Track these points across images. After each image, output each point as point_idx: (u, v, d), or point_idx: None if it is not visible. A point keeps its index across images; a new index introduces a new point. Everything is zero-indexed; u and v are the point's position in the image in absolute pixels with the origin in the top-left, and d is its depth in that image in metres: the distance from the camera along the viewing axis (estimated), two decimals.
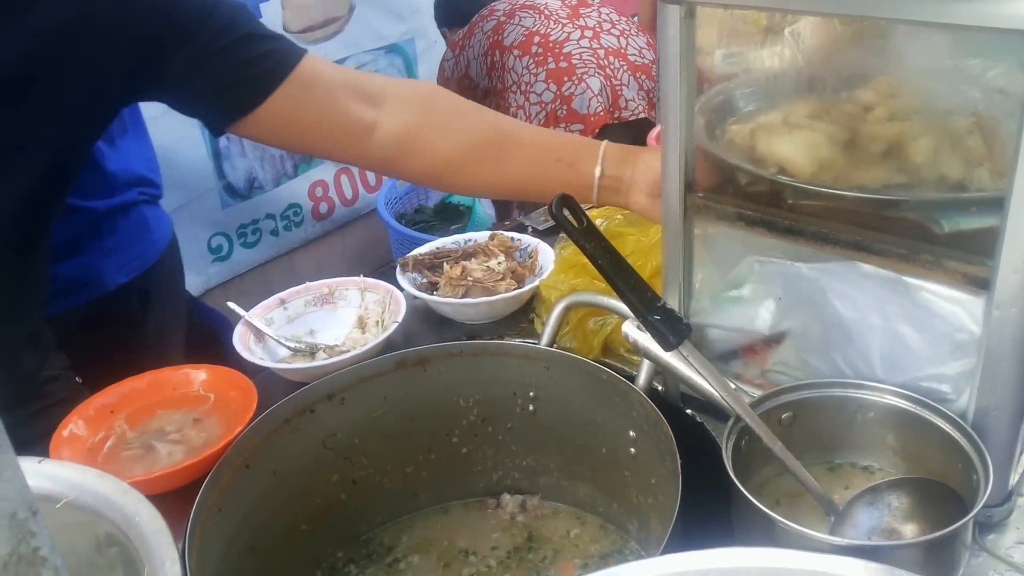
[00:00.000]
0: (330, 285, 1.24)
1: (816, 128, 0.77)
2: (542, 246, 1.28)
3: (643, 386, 0.89)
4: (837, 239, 0.74)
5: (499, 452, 1.01)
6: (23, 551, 0.26)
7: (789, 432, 0.77)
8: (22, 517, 0.26)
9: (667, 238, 0.85)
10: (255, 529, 0.87)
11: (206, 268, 2.60)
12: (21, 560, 0.26)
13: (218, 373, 1.01)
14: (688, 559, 0.54)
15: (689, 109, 0.76)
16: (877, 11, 0.64)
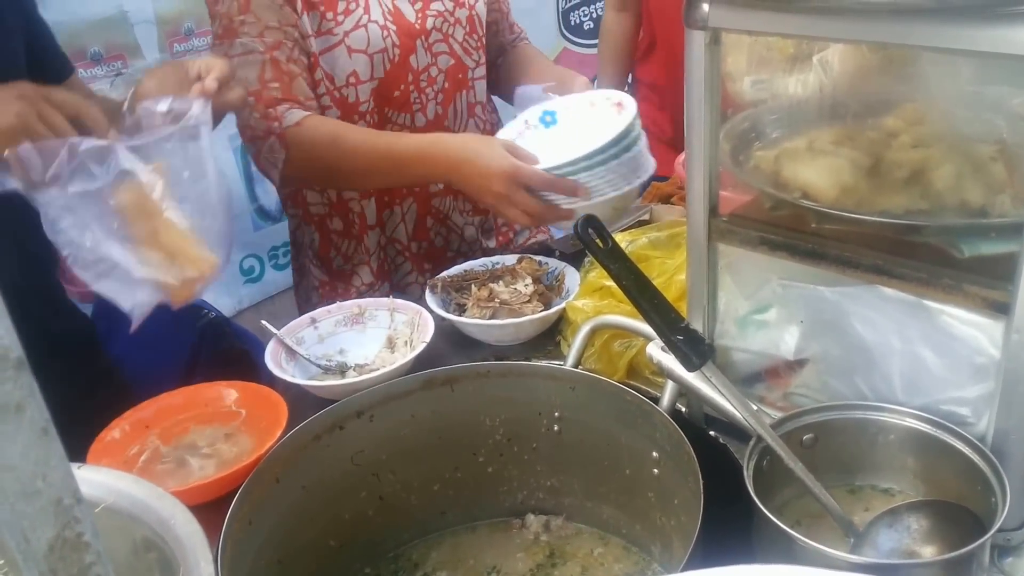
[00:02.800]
0: (360, 305, 1.27)
1: (840, 154, 0.78)
2: (569, 269, 1.30)
3: (667, 407, 0.90)
4: (859, 263, 0.74)
5: (524, 472, 1.01)
6: (67, 535, 0.28)
7: (810, 453, 0.77)
8: (67, 503, 0.28)
9: (692, 261, 0.86)
10: (284, 543, 0.88)
11: (238, 289, 2.64)
12: (66, 544, 0.28)
13: (249, 390, 1.03)
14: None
15: (713, 134, 0.78)
16: (897, 38, 0.66)
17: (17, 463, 0.26)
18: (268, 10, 1.35)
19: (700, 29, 0.73)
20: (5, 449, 0.26)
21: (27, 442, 0.26)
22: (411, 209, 1.58)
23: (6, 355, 0.25)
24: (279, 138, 1.37)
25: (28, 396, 0.26)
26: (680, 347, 0.71)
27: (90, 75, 2.19)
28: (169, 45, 2.34)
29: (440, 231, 1.62)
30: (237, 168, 2.56)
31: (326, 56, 1.41)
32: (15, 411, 0.26)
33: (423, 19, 1.48)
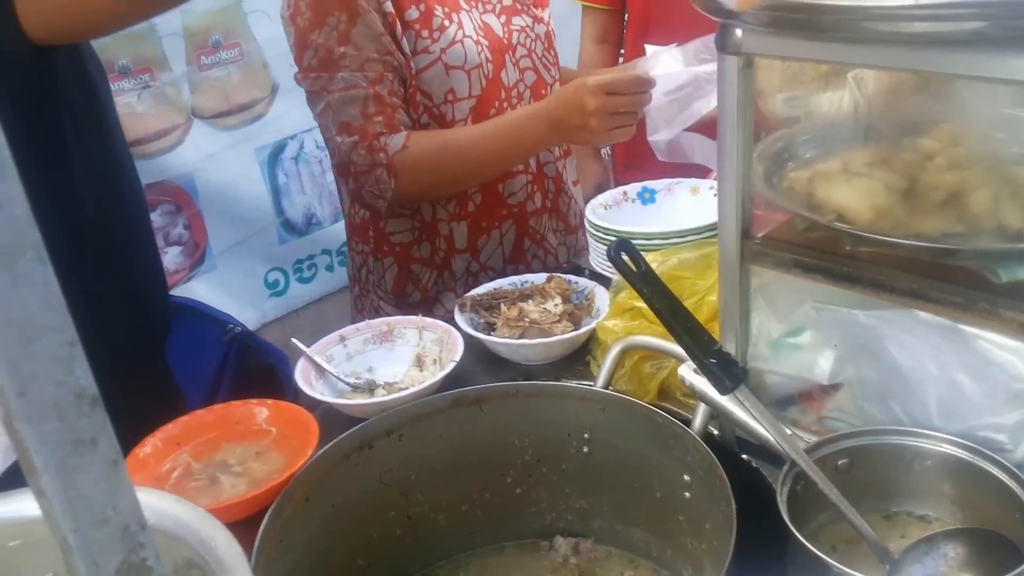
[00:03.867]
0: (389, 323, 1.29)
1: (875, 176, 0.79)
2: (599, 289, 1.31)
3: (698, 430, 0.90)
4: (894, 287, 0.75)
5: (553, 493, 1.02)
6: (133, 560, 0.30)
7: (845, 479, 0.78)
8: (133, 530, 0.30)
9: (724, 284, 0.87)
10: (313, 562, 0.89)
11: (263, 303, 2.67)
12: (131, 568, 0.30)
13: (280, 408, 1.05)
14: None
15: (746, 157, 0.79)
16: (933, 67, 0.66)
17: (90, 493, 0.28)
18: (368, 39, 1.35)
19: (733, 55, 0.75)
20: (79, 480, 0.28)
21: (99, 473, 0.28)
22: (510, 231, 1.60)
23: (83, 393, 0.27)
24: (387, 168, 1.37)
25: (101, 430, 0.28)
26: (713, 370, 0.72)
27: (117, 88, 2.22)
28: (196, 58, 2.37)
29: (537, 253, 1.64)
30: (264, 181, 2.59)
31: (424, 75, 1.42)
32: (89, 444, 0.28)
33: (509, 34, 1.51)
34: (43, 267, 0.26)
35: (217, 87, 2.42)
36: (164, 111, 2.33)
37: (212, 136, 2.44)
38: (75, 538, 0.28)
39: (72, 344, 0.27)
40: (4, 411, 0.27)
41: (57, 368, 0.27)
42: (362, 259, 1.64)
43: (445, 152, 1.39)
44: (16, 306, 0.25)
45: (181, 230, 2.43)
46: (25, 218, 0.25)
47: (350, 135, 1.38)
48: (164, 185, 2.37)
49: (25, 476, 0.29)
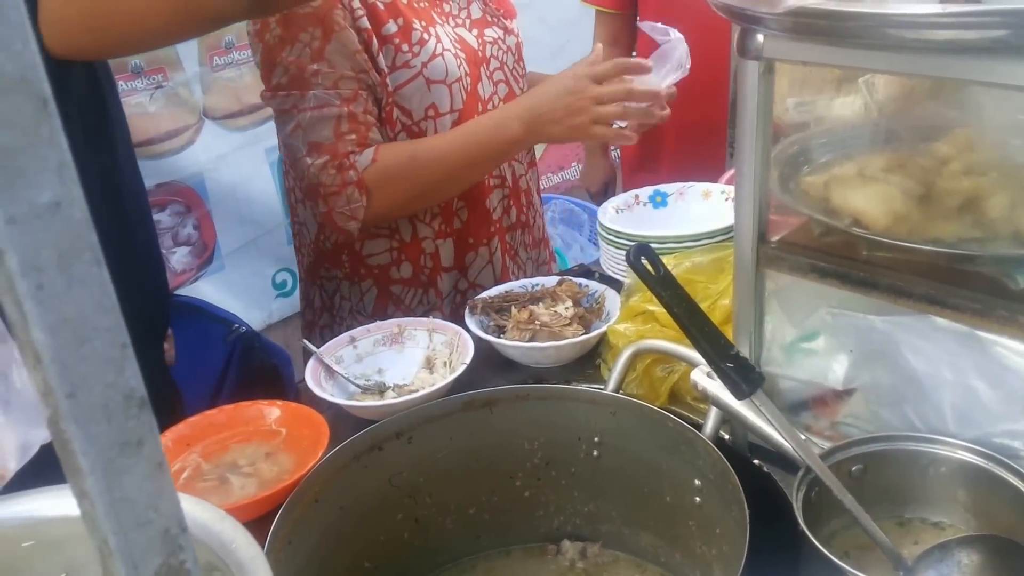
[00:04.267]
0: (399, 325, 1.29)
1: (891, 181, 0.79)
2: (609, 292, 1.31)
3: (710, 434, 0.91)
4: (911, 292, 0.75)
5: (561, 497, 1.02)
6: (172, 563, 0.30)
7: (859, 485, 0.78)
8: (174, 533, 0.30)
9: (739, 288, 0.87)
10: (322, 563, 0.90)
11: (269, 303, 2.68)
12: (170, 571, 0.30)
13: (291, 409, 1.06)
14: None
15: (764, 162, 0.79)
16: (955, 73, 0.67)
17: (134, 496, 0.28)
18: (343, 57, 1.30)
19: (754, 59, 0.75)
20: (125, 482, 0.28)
21: (144, 475, 0.28)
22: (498, 249, 1.56)
23: (132, 395, 0.27)
24: (357, 186, 1.32)
25: (148, 433, 0.28)
26: (730, 375, 0.72)
27: (130, 88, 2.23)
28: (209, 59, 2.38)
29: (513, 269, 1.61)
30: (274, 181, 2.60)
31: (403, 91, 1.37)
32: (136, 447, 0.28)
33: (483, 46, 1.49)
34: (99, 269, 0.26)
35: (229, 88, 2.43)
36: (176, 111, 2.34)
37: (223, 137, 2.45)
38: (116, 541, 0.29)
39: (124, 346, 0.27)
40: (51, 412, 0.27)
41: (108, 370, 0.27)
42: (335, 286, 1.55)
43: (415, 162, 1.33)
44: (71, 307, 0.26)
45: (190, 230, 2.43)
46: (83, 220, 0.25)
47: (320, 155, 1.32)
48: (174, 185, 2.38)
49: (67, 478, 0.29)
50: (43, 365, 0.26)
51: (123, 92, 2.21)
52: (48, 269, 0.25)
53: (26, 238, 0.25)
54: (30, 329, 0.25)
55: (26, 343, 0.26)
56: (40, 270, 0.25)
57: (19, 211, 0.25)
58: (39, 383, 0.27)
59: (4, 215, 0.24)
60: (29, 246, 0.25)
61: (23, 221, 0.25)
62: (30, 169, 0.25)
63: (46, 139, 0.25)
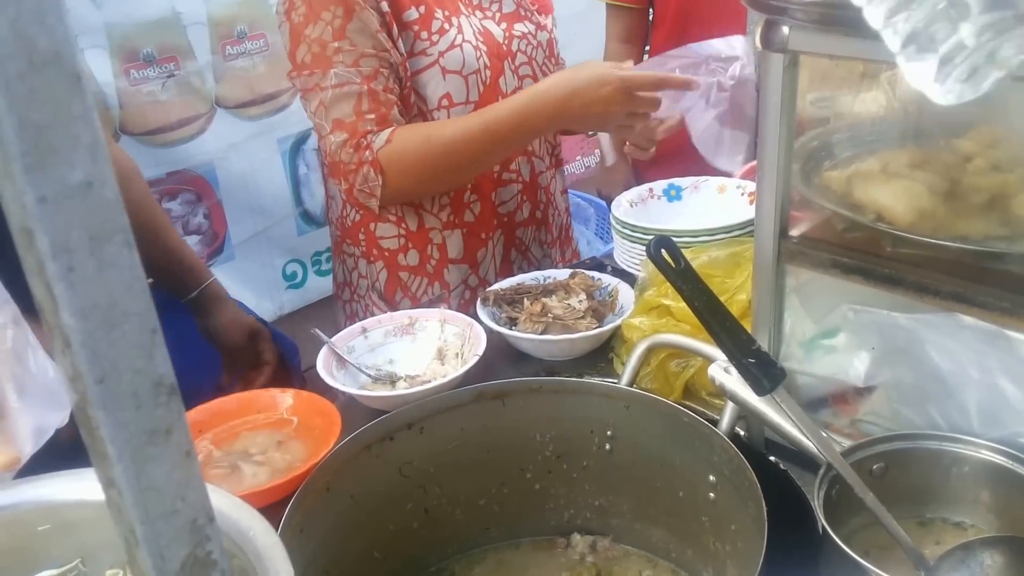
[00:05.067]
0: (411, 316, 1.28)
1: (916, 177, 0.78)
2: (622, 286, 1.30)
3: (726, 430, 0.90)
4: (937, 290, 0.74)
5: (572, 490, 1.02)
6: (199, 554, 0.30)
7: (880, 483, 0.77)
8: (201, 523, 0.30)
9: (758, 283, 0.86)
10: (331, 552, 0.89)
11: (280, 295, 2.67)
12: (196, 562, 0.30)
13: (303, 398, 1.05)
14: None
15: (788, 156, 0.78)
16: None
17: (161, 484, 0.28)
18: (364, 35, 1.32)
19: (779, 52, 0.74)
20: (152, 471, 0.27)
21: (172, 464, 0.28)
22: (499, 242, 1.56)
23: (161, 382, 0.27)
24: (372, 165, 1.33)
25: (177, 420, 0.27)
26: (751, 370, 0.71)
27: (142, 76, 2.23)
28: (221, 48, 2.38)
29: (522, 265, 1.62)
30: (284, 171, 2.59)
31: (420, 77, 1.39)
32: (164, 435, 0.27)
33: (509, 40, 1.49)
34: (130, 252, 0.25)
35: (241, 77, 2.43)
36: (188, 100, 2.34)
37: (235, 126, 2.44)
38: (143, 530, 0.28)
39: (154, 331, 0.26)
40: (79, 398, 0.26)
41: (138, 356, 0.26)
42: (353, 262, 1.60)
43: (430, 145, 1.33)
44: (101, 291, 0.25)
45: (200, 219, 2.43)
46: (115, 201, 0.25)
47: (340, 133, 1.34)
48: (185, 174, 2.37)
49: (94, 465, 0.28)
50: (72, 350, 0.25)
51: (135, 80, 2.22)
52: (79, 251, 0.25)
53: (57, 218, 0.24)
54: (60, 313, 0.25)
55: (55, 327, 0.25)
56: (71, 252, 0.24)
57: (50, 190, 0.24)
58: (67, 368, 0.26)
59: (35, 194, 0.24)
60: (60, 227, 0.24)
61: (54, 201, 0.24)
62: (62, 147, 0.24)
63: (79, 116, 0.25)
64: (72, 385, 0.26)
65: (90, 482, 0.63)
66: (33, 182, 0.23)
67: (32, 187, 0.23)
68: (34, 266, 0.25)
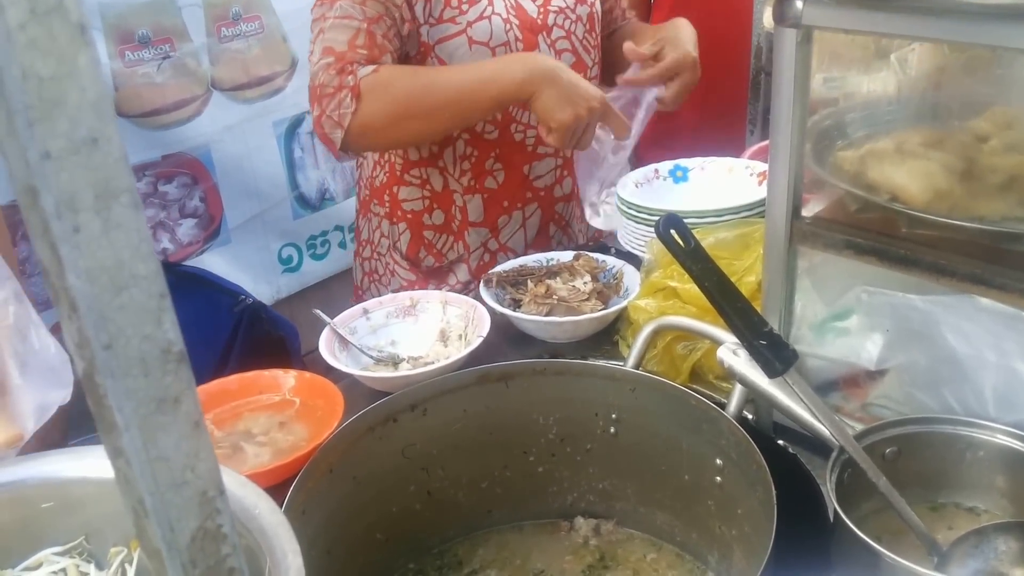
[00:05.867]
0: (413, 297, 1.27)
1: (931, 157, 0.77)
2: (628, 268, 1.29)
3: (734, 413, 0.89)
4: (954, 271, 0.73)
5: (576, 473, 1.01)
6: (209, 526, 0.29)
7: (892, 468, 0.76)
8: (211, 495, 0.29)
9: (770, 264, 0.85)
10: (334, 534, 0.89)
11: (276, 279, 2.67)
12: (207, 535, 0.29)
13: (305, 379, 1.04)
14: None
15: (801, 134, 0.77)
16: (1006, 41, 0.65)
17: (171, 454, 0.27)
18: None
19: (792, 27, 0.73)
20: (161, 440, 0.26)
21: (181, 434, 0.27)
22: (535, 215, 1.58)
23: (169, 349, 0.26)
24: (351, 91, 1.32)
25: (186, 389, 0.27)
26: (763, 352, 0.70)
27: (137, 57, 2.21)
28: (216, 29, 2.36)
29: (561, 239, 1.63)
30: (280, 154, 2.58)
31: (443, 46, 1.40)
32: (173, 403, 0.26)
33: (544, 14, 1.48)
34: (136, 213, 0.24)
35: (237, 59, 2.41)
36: (183, 82, 2.32)
37: (230, 108, 2.43)
38: (152, 501, 0.27)
39: (162, 296, 0.25)
40: (85, 365, 0.25)
41: (146, 321, 0.25)
42: (378, 222, 1.64)
43: (415, 80, 1.33)
44: (107, 253, 0.24)
45: (197, 202, 2.42)
46: (121, 159, 0.24)
47: (327, 56, 1.34)
48: (181, 156, 2.36)
49: (101, 435, 0.27)
50: (79, 314, 0.24)
51: (130, 62, 2.20)
52: (84, 211, 0.24)
53: (62, 176, 0.23)
54: (66, 275, 0.24)
55: (61, 290, 0.24)
56: (76, 211, 0.23)
57: (55, 146, 0.23)
58: (73, 334, 0.25)
59: (38, 150, 0.22)
60: (65, 185, 0.23)
61: (59, 157, 0.23)
62: (67, 101, 0.23)
63: (84, 69, 0.23)
64: (78, 352, 0.25)
65: (93, 460, 0.63)
66: (37, 137, 0.22)
67: (36, 142, 0.22)
68: (38, 227, 0.24)
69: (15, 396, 0.72)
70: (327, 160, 2.69)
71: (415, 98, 1.34)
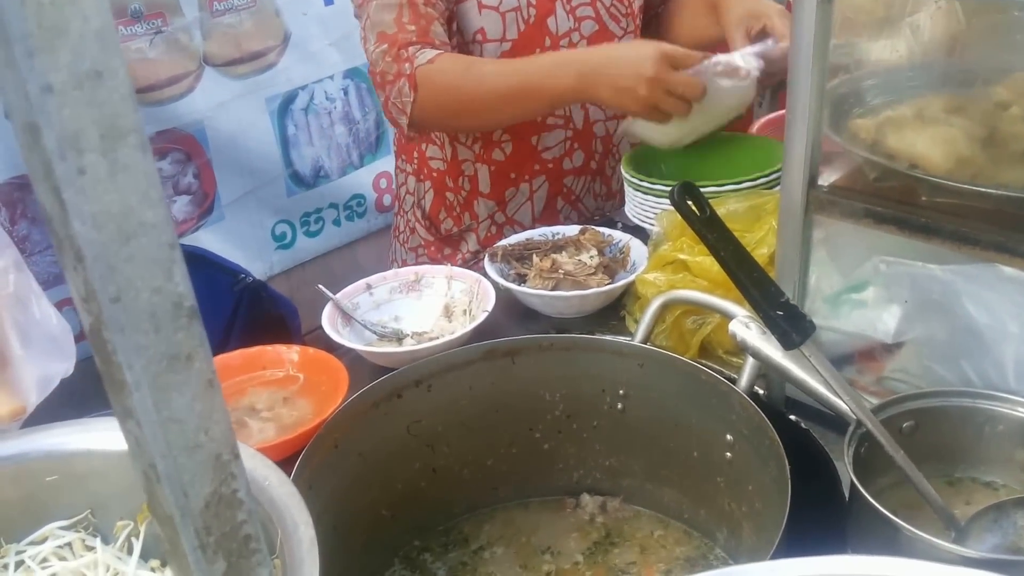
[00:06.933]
0: (417, 272, 1.26)
1: (952, 123, 0.75)
2: (634, 242, 1.28)
3: (745, 388, 0.88)
4: (977, 239, 0.72)
5: (582, 450, 1.00)
6: (223, 492, 0.28)
7: (909, 442, 0.75)
8: (226, 459, 0.27)
9: (784, 235, 0.84)
10: (339, 510, 0.88)
11: (269, 256, 2.66)
12: (221, 500, 0.28)
13: (309, 355, 1.03)
14: (809, 564, 0.53)
15: (819, 99, 0.75)
16: None
17: (184, 416, 0.25)
18: None
19: None
20: (174, 400, 0.25)
21: (194, 394, 0.25)
22: (542, 187, 1.56)
23: (180, 303, 0.24)
24: (408, 79, 1.33)
25: (198, 346, 0.25)
26: (779, 323, 0.69)
27: (130, 32, 2.19)
28: (209, 4, 2.34)
29: (570, 215, 1.61)
30: (273, 131, 2.57)
31: (459, 7, 1.40)
32: (185, 361, 0.25)
33: None
34: (145, 155, 0.23)
35: (229, 34, 2.39)
36: (176, 58, 2.31)
37: (223, 84, 2.42)
38: (164, 465, 0.26)
39: (172, 246, 0.24)
40: (92, 319, 0.24)
41: (155, 272, 0.24)
42: (404, 177, 1.65)
43: (468, 75, 1.34)
44: (114, 197, 0.22)
45: (191, 179, 2.41)
46: (128, 96, 0.22)
47: (381, 43, 1.36)
48: (174, 133, 2.35)
49: (110, 395, 0.26)
50: (85, 264, 0.23)
51: (123, 37, 2.17)
52: (90, 151, 0.22)
53: (64, 112, 0.21)
54: (70, 221, 0.22)
55: (65, 238, 0.23)
56: (80, 152, 0.22)
57: (57, 79, 0.21)
58: (79, 286, 0.23)
59: (39, 83, 0.21)
60: (68, 122, 0.21)
61: (61, 91, 0.21)
62: (69, 29, 0.21)
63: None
64: (84, 306, 0.24)
65: (99, 432, 0.62)
66: (37, 68, 0.21)
67: (36, 74, 0.21)
68: (40, 169, 0.22)
69: (17, 368, 0.71)
70: (321, 137, 2.68)
71: (466, 98, 1.35)
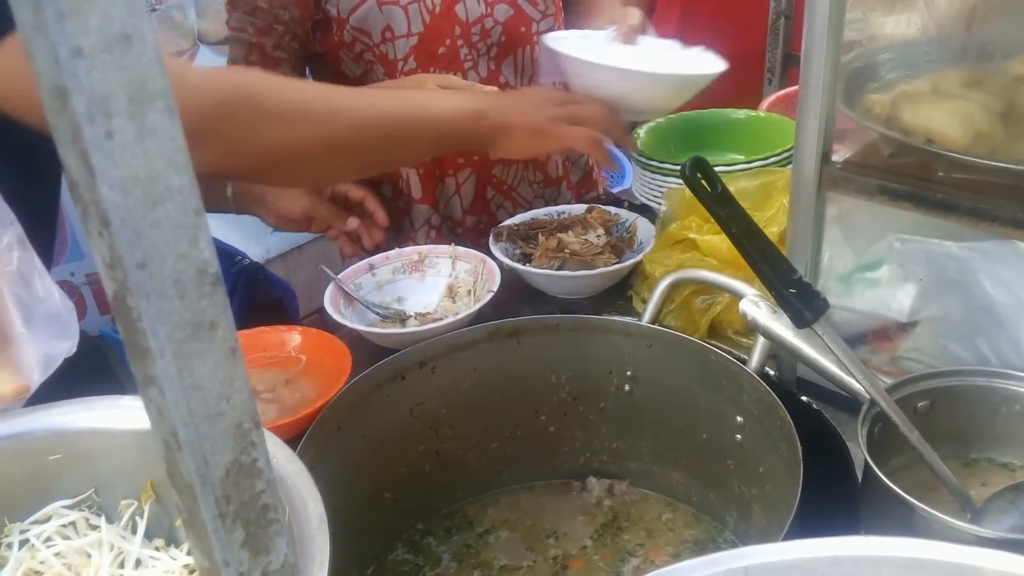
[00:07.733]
0: (420, 252, 1.27)
1: (970, 97, 0.76)
2: (641, 221, 1.28)
3: (756, 369, 0.88)
4: (996, 215, 0.72)
5: (588, 433, 1.01)
6: (244, 460, 0.28)
7: (924, 422, 0.75)
8: (247, 427, 0.28)
9: (797, 212, 0.84)
10: (342, 492, 0.88)
11: (266, 239, 2.67)
12: (241, 469, 0.28)
13: (311, 336, 1.04)
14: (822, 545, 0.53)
15: (833, 73, 0.75)
16: None
17: (206, 383, 0.26)
18: None
19: None
20: (196, 368, 0.26)
21: (217, 362, 0.26)
22: (468, 180, 1.50)
23: (205, 270, 0.25)
24: None
25: (222, 314, 0.26)
26: (792, 301, 0.69)
27: None
28: None
29: (503, 204, 1.55)
30: None
31: (357, 14, 1.36)
32: (209, 328, 0.26)
33: None
34: (172, 120, 0.23)
35: (223, 12, 2.38)
36: (170, 36, 2.32)
37: (218, 62, 2.42)
38: (186, 432, 0.26)
39: (197, 212, 0.24)
40: (117, 287, 0.24)
41: (181, 239, 0.24)
42: None
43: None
44: (141, 162, 0.23)
45: None
46: (156, 60, 0.22)
47: None
48: None
49: (132, 362, 0.26)
50: (111, 230, 0.23)
51: None
52: (118, 115, 0.22)
53: (94, 75, 0.22)
54: (98, 186, 0.23)
55: (91, 203, 0.23)
56: (109, 115, 0.22)
57: (87, 42, 0.22)
58: (104, 253, 0.24)
59: (69, 46, 0.21)
60: (97, 85, 0.22)
61: (91, 55, 0.22)
62: None
63: None
64: (109, 273, 0.24)
65: (103, 411, 0.63)
66: (68, 32, 0.21)
67: (66, 37, 0.21)
68: (67, 133, 0.23)
69: (19, 346, 0.71)
70: None
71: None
